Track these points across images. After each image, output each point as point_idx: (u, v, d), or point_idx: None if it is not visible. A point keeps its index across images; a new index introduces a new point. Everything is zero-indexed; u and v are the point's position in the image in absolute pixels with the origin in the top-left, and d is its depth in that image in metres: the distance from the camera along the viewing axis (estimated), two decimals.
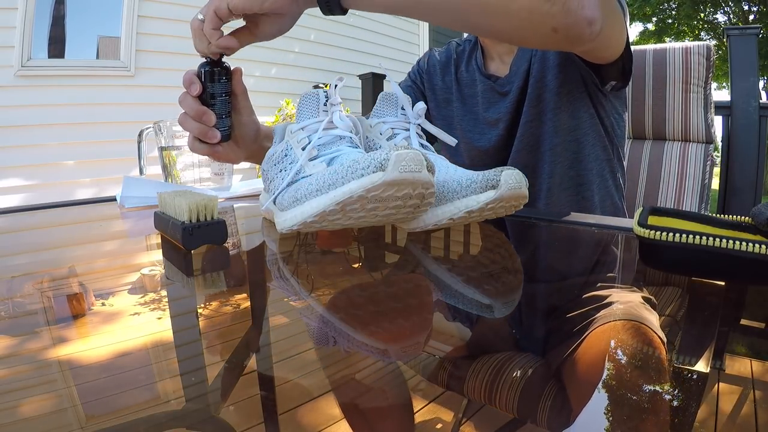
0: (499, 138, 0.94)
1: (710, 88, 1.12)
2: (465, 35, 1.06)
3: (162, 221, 0.55)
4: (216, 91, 0.65)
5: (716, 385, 0.24)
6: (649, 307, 0.36)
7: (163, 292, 0.41)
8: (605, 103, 0.88)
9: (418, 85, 1.09)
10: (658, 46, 1.16)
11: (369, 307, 0.36)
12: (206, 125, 0.65)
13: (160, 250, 0.56)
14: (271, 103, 3.83)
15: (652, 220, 0.44)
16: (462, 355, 0.29)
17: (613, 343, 0.30)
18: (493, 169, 0.51)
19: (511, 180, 0.50)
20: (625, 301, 0.38)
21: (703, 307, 0.37)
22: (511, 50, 0.93)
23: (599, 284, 0.42)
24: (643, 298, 0.38)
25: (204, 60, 0.65)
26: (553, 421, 0.21)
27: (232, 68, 0.67)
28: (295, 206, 0.48)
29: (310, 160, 0.52)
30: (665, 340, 0.30)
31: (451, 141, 0.65)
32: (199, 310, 0.37)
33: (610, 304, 0.37)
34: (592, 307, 0.36)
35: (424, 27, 5.68)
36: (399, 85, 1.09)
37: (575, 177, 0.90)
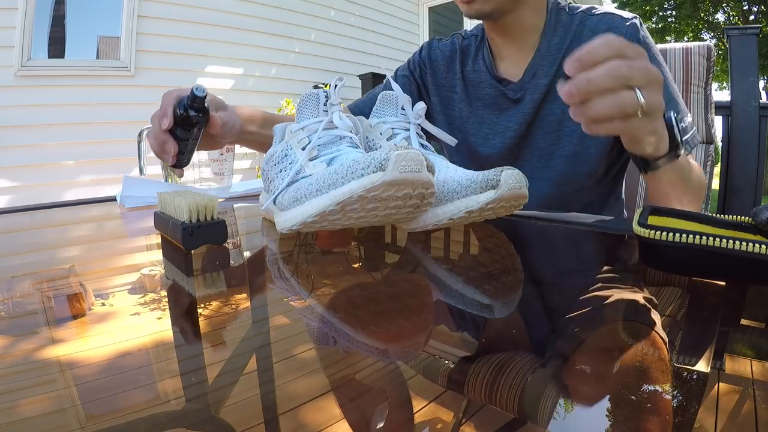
0: (506, 147, 0.88)
1: (711, 89, 1.12)
2: (470, 27, 0.97)
3: (162, 221, 0.55)
4: (187, 137, 0.63)
5: (716, 385, 0.24)
6: (650, 308, 0.36)
7: (163, 292, 0.41)
8: None
9: (415, 77, 1.00)
10: (659, 46, 1.16)
11: (369, 307, 0.36)
12: (166, 154, 0.64)
13: (160, 250, 0.56)
14: (271, 103, 3.84)
15: (653, 220, 0.44)
16: (462, 355, 0.29)
17: (613, 343, 0.30)
18: (493, 169, 0.51)
19: (511, 180, 0.50)
20: (626, 301, 0.38)
21: (704, 307, 0.37)
22: (523, 50, 0.86)
23: (599, 284, 0.42)
24: (644, 298, 0.38)
25: (188, 96, 0.62)
26: (553, 421, 0.21)
27: (210, 115, 0.64)
28: (295, 206, 0.48)
29: (310, 160, 0.52)
30: (666, 340, 0.30)
31: (451, 141, 0.65)
32: (199, 310, 0.37)
33: (610, 304, 0.37)
34: (592, 308, 0.36)
35: (423, 27, 5.68)
36: (395, 73, 1.01)
37: (581, 203, 0.86)
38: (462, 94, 0.94)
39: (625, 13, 0.81)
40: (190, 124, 0.63)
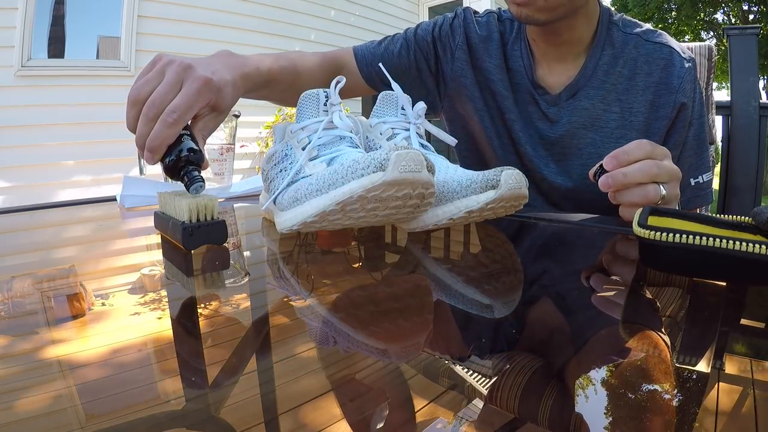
0: (533, 167, 0.81)
1: (711, 89, 1.12)
2: (503, 10, 0.86)
3: (162, 221, 0.55)
4: (171, 178, 0.55)
5: (716, 385, 0.24)
6: (650, 308, 0.36)
7: (163, 292, 0.41)
8: None
9: (436, 48, 0.87)
10: None
11: (369, 307, 0.36)
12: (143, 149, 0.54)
13: (160, 250, 0.56)
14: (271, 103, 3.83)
15: (652, 220, 0.44)
16: (462, 355, 0.29)
17: (613, 343, 0.30)
18: (493, 169, 0.51)
19: (511, 180, 0.50)
20: (626, 301, 0.38)
21: (704, 308, 0.37)
22: (565, 60, 0.79)
23: (599, 285, 0.42)
24: (644, 298, 0.38)
25: (183, 162, 0.53)
26: (553, 422, 0.21)
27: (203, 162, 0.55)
28: (295, 206, 0.48)
29: (310, 160, 0.52)
30: (666, 340, 0.30)
31: (451, 141, 0.65)
32: (199, 310, 0.37)
33: (610, 304, 0.37)
34: (591, 308, 0.36)
35: None
36: (416, 29, 0.90)
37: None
38: (501, 85, 0.83)
39: (683, 49, 0.77)
40: (179, 179, 0.54)
